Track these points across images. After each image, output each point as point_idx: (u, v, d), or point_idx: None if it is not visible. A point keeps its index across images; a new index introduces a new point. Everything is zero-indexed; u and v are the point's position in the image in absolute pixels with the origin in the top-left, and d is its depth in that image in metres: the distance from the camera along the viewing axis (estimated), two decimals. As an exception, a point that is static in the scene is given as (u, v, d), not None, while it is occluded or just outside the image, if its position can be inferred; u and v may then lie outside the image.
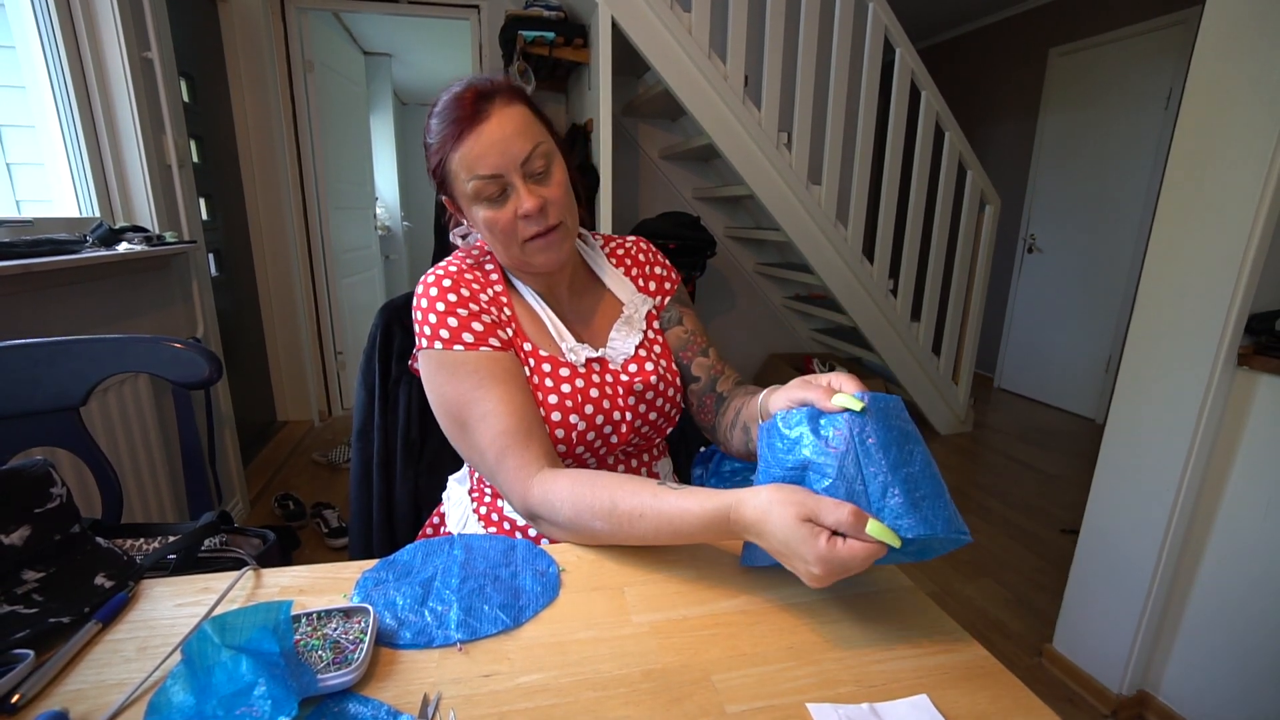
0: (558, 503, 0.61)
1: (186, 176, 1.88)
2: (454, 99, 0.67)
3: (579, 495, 0.61)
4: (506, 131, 0.66)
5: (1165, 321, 1.29)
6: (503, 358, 0.70)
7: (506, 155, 0.66)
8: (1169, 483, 1.29)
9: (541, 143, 0.68)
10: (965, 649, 0.51)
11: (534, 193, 0.67)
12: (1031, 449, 3.01)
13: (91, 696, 0.43)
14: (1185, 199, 1.24)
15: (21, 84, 1.49)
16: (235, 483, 2.10)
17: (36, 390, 0.82)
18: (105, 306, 1.48)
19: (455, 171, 0.68)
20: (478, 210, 0.69)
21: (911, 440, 0.52)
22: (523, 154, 0.67)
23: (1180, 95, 1.28)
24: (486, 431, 0.66)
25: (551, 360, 0.73)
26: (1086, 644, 1.49)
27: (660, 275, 0.86)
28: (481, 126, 0.66)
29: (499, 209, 0.68)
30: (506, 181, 0.67)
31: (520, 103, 0.69)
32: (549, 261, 0.72)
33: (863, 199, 2.67)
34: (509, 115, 0.67)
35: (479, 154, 0.66)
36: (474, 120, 0.66)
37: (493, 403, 0.67)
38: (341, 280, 3.21)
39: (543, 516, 0.63)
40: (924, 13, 3.90)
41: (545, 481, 0.63)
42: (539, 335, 0.75)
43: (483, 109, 0.66)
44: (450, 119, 0.67)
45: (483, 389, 0.67)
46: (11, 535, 0.52)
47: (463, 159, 0.67)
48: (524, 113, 0.68)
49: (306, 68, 2.82)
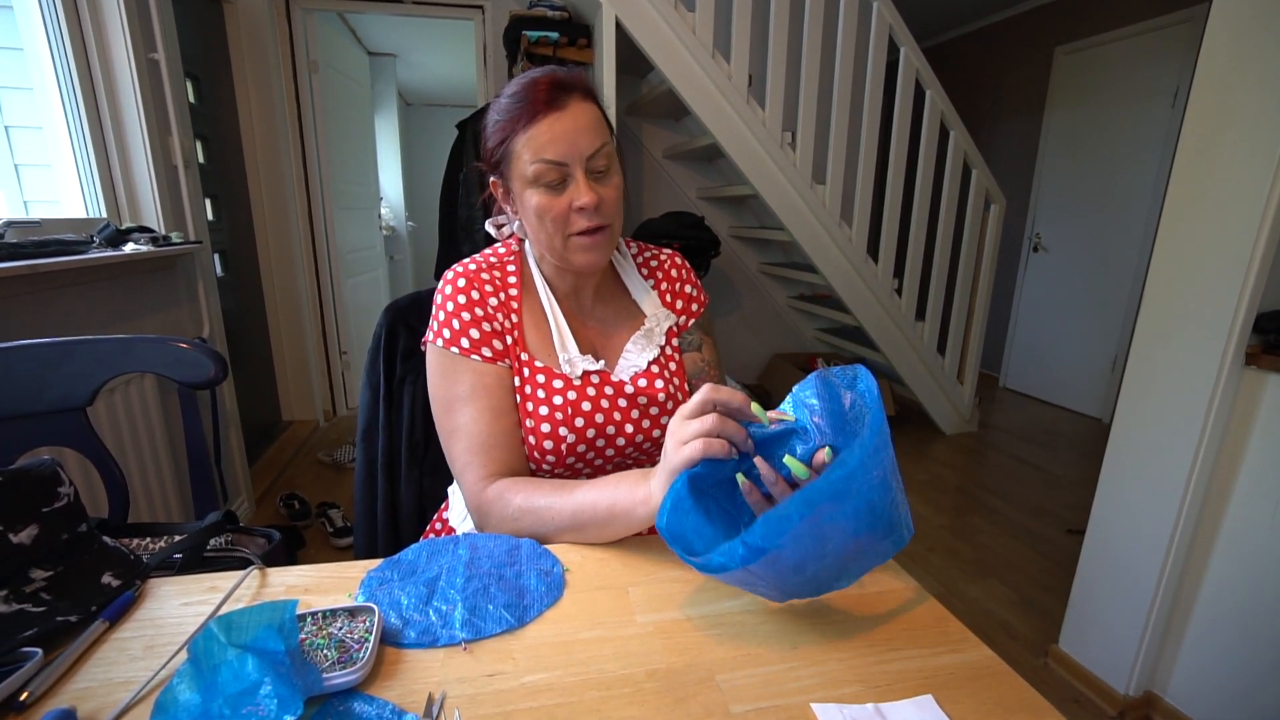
0: (508, 512, 0.66)
1: (192, 177, 1.89)
2: (532, 82, 0.69)
3: (521, 501, 0.65)
4: (580, 124, 0.67)
5: (1172, 320, 1.28)
6: (490, 370, 0.72)
7: (575, 146, 0.67)
8: (1176, 483, 1.28)
9: (607, 143, 0.70)
10: (970, 649, 0.51)
11: (593, 188, 0.69)
12: (1037, 449, 2.99)
13: (99, 695, 0.43)
14: (1192, 197, 1.23)
15: (29, 86, 1.49)
16: (240, 482, 2.11)
17: (44, 390, 0.83)
18: (111, 307, 1.48)
19: (519, 152, 0.69)
20: (531, 195, 0.69)
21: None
22: (590, 149, 0.68)
23: (1187, 93, 1.27)
24: (460, 441, 0.70)
25: (546, 371, 0.73)
26: (1093, 645, 1.48)
27: (690, 295, 0.86)
28: (556, 114, 0.67)
29: (555, 196, 0.69)
30: (569, 171, 0.68)
31: (594, 103, 0.71)
32: (589, 262, 0.72)
33: (867, 198, 2.66)
34: (583, 110, 0.68)
35: (549, 139, 0.67)
36: (550, 106, 0.67)
37: (469, 415, 0.70)
38: (346, 280, 3.21)
39: (492, 517, 0.67)
40: (928, 12, 3.88)
41: (496, 490, 0.68)
42: (540, 344, 0.75)
43: (559, 98, 0.67)
44: (525, 99, 0.68)
45: (464, 399, 0.71)
46: (20, 534, 0.53)
47: (531, 140, 0.67)
48: (596, 112, 0.70)
49: (311, 68, 2.82)
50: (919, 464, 2.79)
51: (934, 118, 2.66)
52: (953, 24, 4.20)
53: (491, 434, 0.70)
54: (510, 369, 0.73)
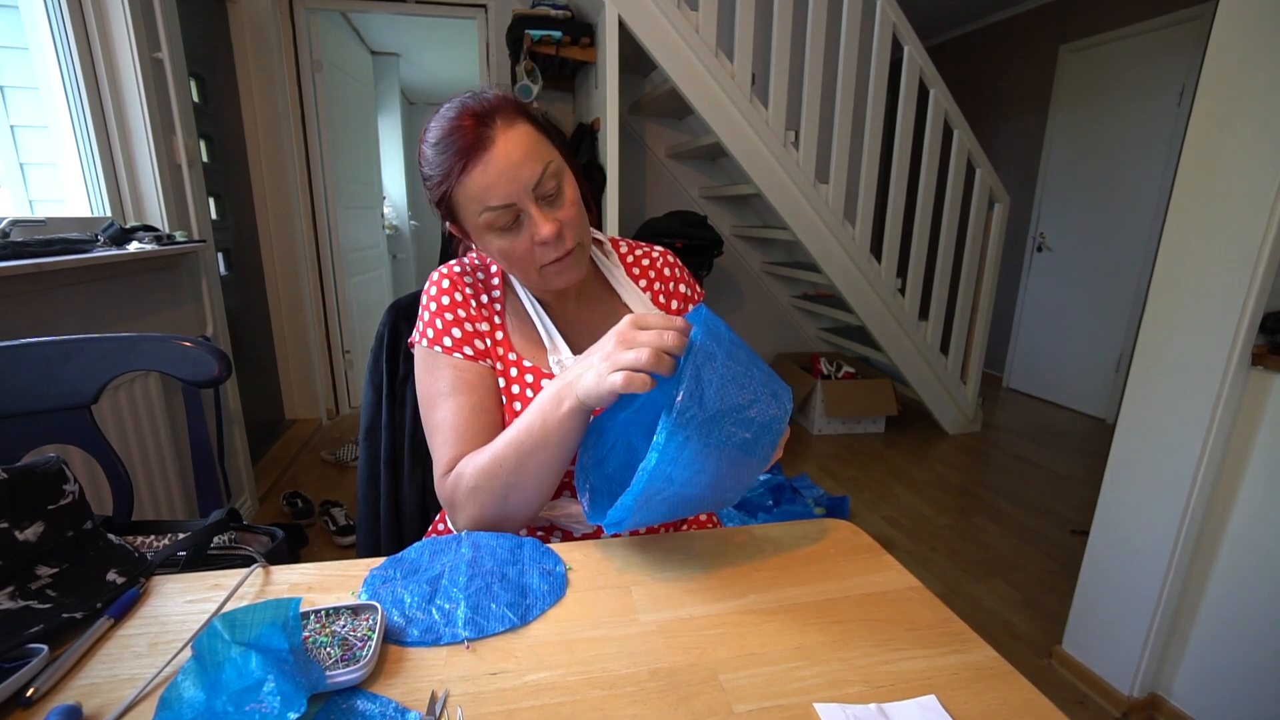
0: (465, 485, 0.65)
1: (196, 176, 1.89)
2: (451, 126, 0.63)
3: (472, 469, 0.64)
4: (514, 157, 0.62)
5: (1177, 320, 1.27)
6: (470, 368, 0.71)
7: (517, 182, 0.62)
8: (1181, 483, 1.28)
9: (550, 162, 0.65)
10: (974, 650, 0.51)
11: (549, 217, 0.64)
12: (1041, 449, 2.98)
13: (104, 691, 0.43)
14: (1198, 196, 1.23)
15: (35, 85, 1.50)
16: (244, 480, 2.12)
17: (49, 388, 0.83)
18: (116, 305, 1.49)
19: (463, 204, 0.65)
20: (490, 240, 0.66)
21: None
22: (534, 178, 0.63)
23: (1193, 91, 1.27)
24: (437, 436, 0.70)
25: (534, 371, 0.73)
26: (1097, 645, 1.47)
27: (684, 294, 0.84)
28: (487, 155, 0.62)
29: (514, 238, 0.65)
30: (519, 209, 0.64)
31: (522, 119, 0.65)
32: (568, 281, 0.70)
33: (870, 197, 2.65)
34: (514, 138, 0.63)
35: (488, 185, 0.62)
36: (477, 148, 0.62)
37: (448, 409, 0.70)
38: (349, 279, 3.22)
39: (457, 498, 0.66)
40: (932, 10, 3.87)
41: (454, 473, 0.67)
42: (528, 345, 0.75)
43: (485, 135, 0.62)
44: (451, 149, 0.63)
45: (445, 394, 0.70)
46: (25, 531, 0.53)
47: (470, 191, 0.63)
48: (528, 131, 0.64)
49: (315, 68, 2.83)
50: (922, 464, 2.79)
51: (938, 116, 2.66)
52: (956, 22, 4.19)
53: (469, 428, 0.69)
54: (493, 369, 0.73)
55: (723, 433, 0.52)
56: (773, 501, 2.21)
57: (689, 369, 0.51)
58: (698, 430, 0.50)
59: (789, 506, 2.21)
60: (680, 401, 0.50)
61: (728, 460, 0.53)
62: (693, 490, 0.54)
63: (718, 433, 0.52)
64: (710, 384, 0.51)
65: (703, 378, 0.51)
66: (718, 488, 0.55)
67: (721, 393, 0.52)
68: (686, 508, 0.57)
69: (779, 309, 3.63)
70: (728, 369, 0.52)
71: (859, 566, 0.62)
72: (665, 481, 0.52)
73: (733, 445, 0.53)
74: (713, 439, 0.51)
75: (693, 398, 0.50)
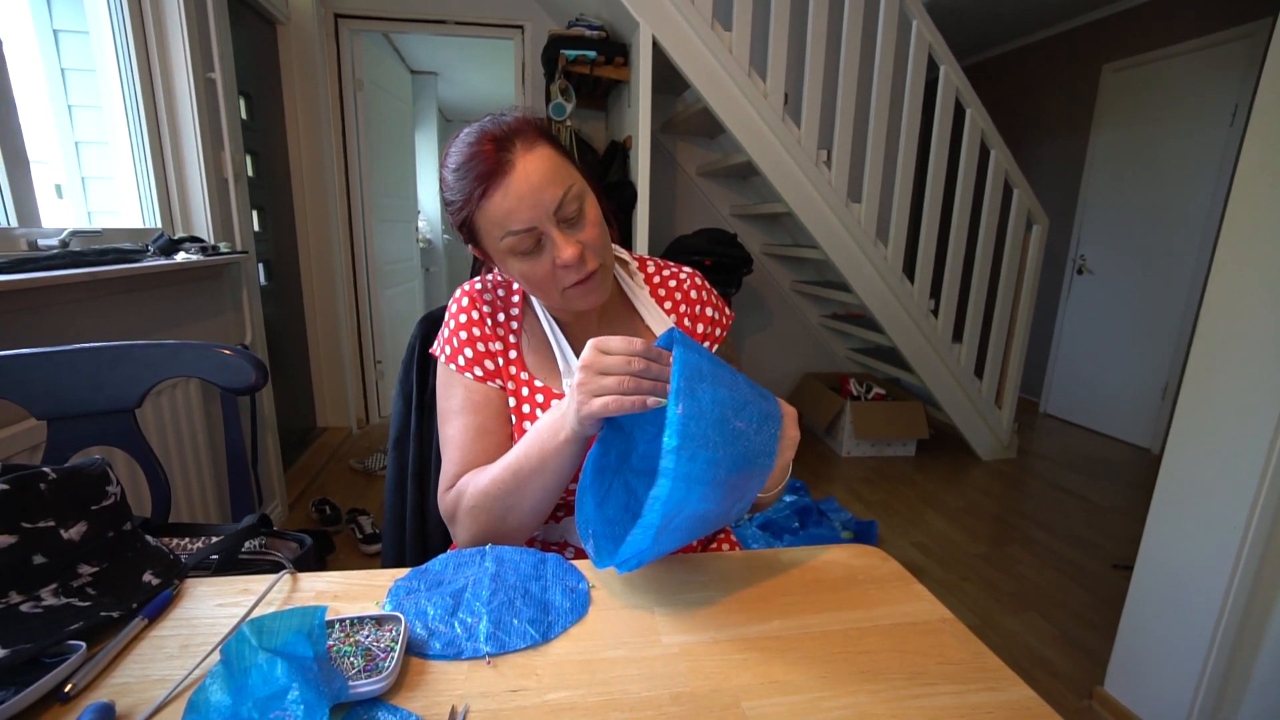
0: (465, 504, 0.66)
1: (241, 190, 1.97)
2: (471, 151, 0.63)
3: (472, 489, 0.66)
4: (535, 181, 0.62)
5: (1231, 346, 1.22)
6: (479, 389, 0.73)
7: (539, 206, 0.62)
8: (1237, 517, 1.21)
9: (572, 184, 0.64)
10: (1010, 688, 0.48)
11: (570, 240, 0.64)
12: (1080, 478, 2.87)
13: (136, 690, 0.44)
14: (1253, 217, 1.18)
15: (98, 104, 1.59)
16: (275, 486, 2.16)
17: (98, 392, 0.86)
18: (161, 313, 1.55)
19: (484, 229, 0.65)
20: (512, 264, 0.66)
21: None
22: (555, 201, 0.63)
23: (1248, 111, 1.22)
24: (446, 452, 0.72)
25: (545, 391, 0.73)
26: (1144, 688, 1.40)
27: (711, 318, 0.81)
28: (508, 179, 0.61)
29: (535, 261, 0.65)
30: (541, 232, 0.63)
31: (542, 141, 0.64)
32: (590, 304, 0.70)
33: (904, 217, 2.62)
34: (534, 160, 0.62)
35: (509, 209, 0.62)
36: (498, 173, 0.61)
37: (456, 428, 0.72)
38: (383, 291, 3.30)
39: (457, 515, 0.67)
40: (969, 30, 3.84)
41: (455, 491, 0.69)
42: (542, 364, 0.75)
43: (505, 159, 0.62)
44: (472, 174, 0.63)
45: (455, 412, 0.72)
46: (70, 530, 0.55)
47: (491, 215, 0.63)
48: (548, 154, 0.64)
49: (357, 86, 2.93)
50: (954, 489, 2.71)
51: (974, 136, 2.62)
52: (995, 42, 4.14)
53: (471, 448, 0.70)
54: (502, 390, 0.74)
55: (728, 433, 0.52)
56: (799, 524, 2.17)
57: (682, 384, 0.51)
58: (705, 441, 0.51)
59: (815, 530, 2.17)
60: (681, 416, 0.50)
61: (739, 464, 0.54)
62: (709, 506, 0.53)
63: (723, 436, 0.52)
64: (704, 393, 0.52)
65: (696, 390, 0.52)
66: (732, 497, 0.55)
67: (716, 398, 0.52)
68: (703, 527, 0.56)
69: (808, 328, 3.60)
70: (715, 377, 0.54)
71: (888, 595, 0.60)
72: (679, 505, 0.51)
73: (740, 445, 0.53)
74: (720, 444, 0.52)
75: (692, 410, 0.51)
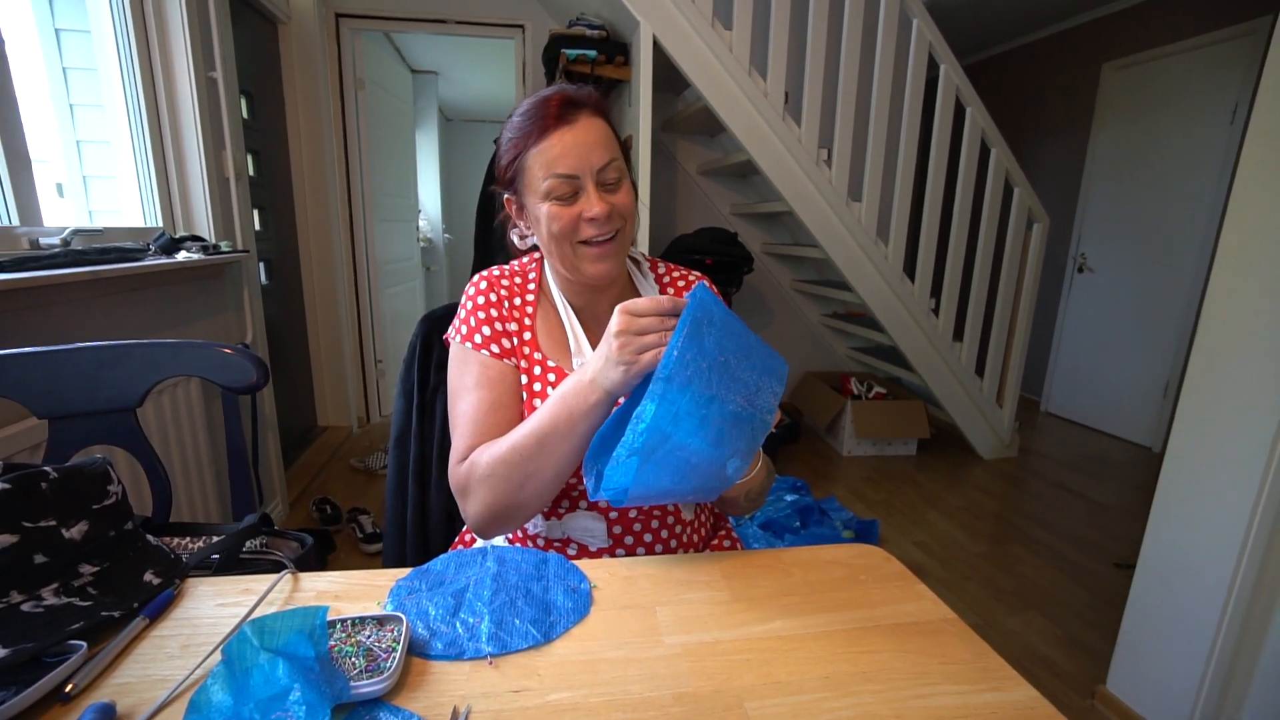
0: (480, 473, 0.66)
1: (242, 189, 1.96)
2: (543, 100, 0.71)
3: (488, 457, 0.66)
4: (590, 138, 0.70)
5: (1232, 344, 1.22)
6: (495, 364, 0.75)
7: (586, 159, 0.69)
8: (1239, 516, 1.21)
9: (617, 159, 0.72)
10: (1013, 688, 0.48)
11: (604, 199, 0.70)
12: (1081, 476, 2.87)
13: (137, 690, 0.44)
14: (1255, 214, 1.18)
15: (100, 103, 1.58)
16: (276, 485, 2.16)
17: (99, 391, 0.86)
18: (162, 312, 1.55)
19: (531, 167, 0.71)
20: (543, 206, 0.71)
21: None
22: (601, 162, 0.70)
23: (1248, 109, 1.22)
24: (458, 427, 0.73)
25: (557, 371, 0.76)
26: (1146, 687, 1.40)
27: None
28: (566, 129, 0.69)
29: (566, 207, 0.70)
30: (580, 184, 0.70)
31: (604, 120, 0.73)
32: (600, 272, 0.73)
33: (904, 216, 2.62)
34: (593, 125, 0.71)
35: (560, 153, 0.69)
36: (560, 121, 0.69)
37: (470, 402, 0.73)
38: (384, 290, 3.30)
39: (470, 484, 0.67)
40: (970, 28, 3.83)
41: (468, 461, 0.69)
42: (555, 347, 0.78)
43: (569, 114, 0.70)
44: (536, 116, 0.70)
45: (469, 388, 0.74)
46: (71, 529, 0.55)
47: (542, 155, 0.69)
48: (606, 128, 0.72)
49: (358, 85, 2.93)
50: (955, 489, 2.71)
51: (974, 135, 2.61)
52: (995, 41, 4.13)
53: (485, 421, 0.71)
54: (517, 368, 0.76)
55: (725, 376, 0.53)
56: (800, 523, 2.17)
57: (688, 322, 0.53)
58: (698, 375, 0.52)
59: (817, 529, 2.16)
60: (680, 348, 0.51)
61: (731, 410, 0.54)
62: (695, 442, 0.54)
63: (720, 377, 0.53)
64: (709, 336, 0.53)
65: (701, 331, 0.53)
66: (721, 444, 0.55)
67: (721, 345, 0.54)
68: (691, 474, 0.56)
69: (809, 327, 3.60)
70: (725, 326, 0.55)
71: (890, 594, 0.60)
72: (664, 435, 0.52)
73: (736, 391, 0.54)
74: (715, 384, 0.53)
75: (691, 345, 0.52)
